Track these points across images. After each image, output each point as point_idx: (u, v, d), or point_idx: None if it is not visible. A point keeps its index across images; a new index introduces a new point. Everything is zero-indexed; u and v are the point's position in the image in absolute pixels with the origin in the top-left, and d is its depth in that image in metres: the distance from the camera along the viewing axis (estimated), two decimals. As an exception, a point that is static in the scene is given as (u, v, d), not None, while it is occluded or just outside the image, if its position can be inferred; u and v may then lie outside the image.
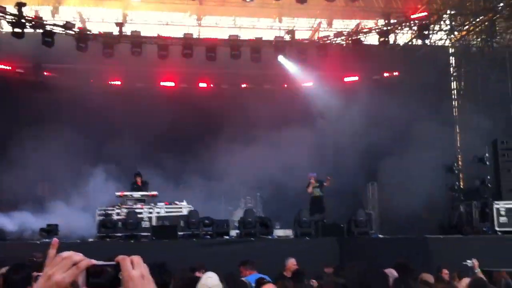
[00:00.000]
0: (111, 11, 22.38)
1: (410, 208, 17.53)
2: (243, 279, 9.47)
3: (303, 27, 23.36)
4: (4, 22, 19.92)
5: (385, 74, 22.43)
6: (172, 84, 22.23)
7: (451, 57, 23.94)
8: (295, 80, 22.29)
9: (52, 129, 17.77)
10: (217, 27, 22.76)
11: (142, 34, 20.37)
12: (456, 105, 23.32)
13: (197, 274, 8.21)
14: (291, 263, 10.78)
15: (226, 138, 19.09)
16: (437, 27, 21.73)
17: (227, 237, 15.18)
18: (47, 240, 14.31)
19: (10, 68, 20.73)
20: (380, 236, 16.24)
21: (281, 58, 21.17)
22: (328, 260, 12.60)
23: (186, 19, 22.92)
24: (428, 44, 21.96)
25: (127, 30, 20.52)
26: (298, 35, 21.72)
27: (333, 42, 21.22)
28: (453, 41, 23.32)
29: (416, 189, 17.23)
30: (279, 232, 16.22)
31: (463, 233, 15.33)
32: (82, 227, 15.62)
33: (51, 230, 14.52)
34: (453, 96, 23.44)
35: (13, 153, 17.34)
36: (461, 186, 19.28)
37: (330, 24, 23.26)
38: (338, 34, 21.32)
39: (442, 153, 19.08)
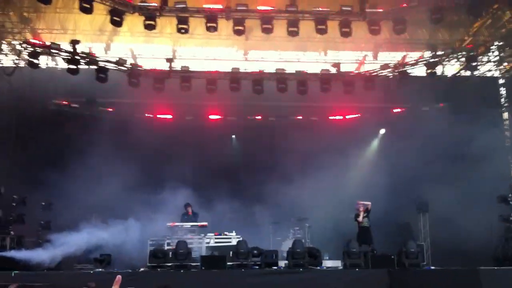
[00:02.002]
0: (161, 47, 23.03)
1: (463, 239, 17.16)
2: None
3: (349, 60, 23.48)
4: (59, 59, 20.72)
5: (434, 105, 22.24)
6: (219, 117, 22.60)
7: (501, 88, 23.61)
8: (341, 112, 22.34)
9: (105, 161, 18.35)
10: (263, 61, 23.11)
11: (191, 69, 20.89)
12: (508, 135, 22.90)
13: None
14: None
15: (274, 169, 19.22)
16: (485, 58, 21.55)
17: (275, 267, 15.17)
18: (100, 269, 14.63)
19: (66, 103, 21.48)
20: (432, 267, 15.94)
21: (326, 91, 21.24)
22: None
23: (233, 54, 23.39)
24: (477, 75, 21.74)
25: (177, 65, 21.08)
26: (344, 68, 21.82)
27: (380, 75, 21.23)
28: (502, 72, 23.04)
29: (468, 220, 16.89)
30: (328, 263, 16.12)
31: (518, 265, 14.93)
32: (134, 257, 15.88)
33: (104, 260, 14.84)
34: (505, 127, 23.05)
35: (67, 184, 17.82)
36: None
37: (375, 57, 23.32)
38: (385, 66, 21.32)
39: (495, 183, 18.68)
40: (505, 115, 23.35)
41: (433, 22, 18.86)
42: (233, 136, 20.62)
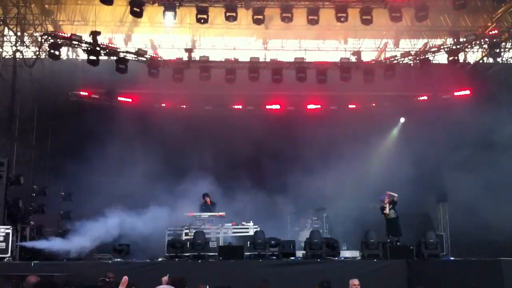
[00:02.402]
0: (181, 37, 23.07)
1: (483, 230, 16.92)
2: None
3: (369, 48, 23.23)
4: (80, 50, 20.89)
5: (456, 93, 21.89)
6: (239, 106, 22.58)
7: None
8: (361, 101, 22.14)
9: (125, 152, 18.51)
10: (282, 50, 23.00)
11: (210, 59, 20.88)
12: (533, 124, 22.44)
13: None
14: (352, 283, 10.71)
15: (293, 159, 19.16)
16: (509, 45, 21.12)
17: (293, 258, 15.12)
18: (118, 259, 14.76)
19: (86, 93, 21.67)
20: (451, 258, 15.74)
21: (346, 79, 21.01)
22: (396, 283, 12.39)
23: (252, 43, 23.32)
24: (500, 62, 21.31)
25: (196, 55, 21.10)
26: (364, 56, 21.58)
27: (400, 62, 20.95)
28: (526, 58, 22.58)
29: (489, 210, 16.62)
30: (346, 254, 16.03)
31: (540, 256, 14.64)
32: (152, 246, 16.00)
33: (122, 250, 14.97)
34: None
35: (87, 174, 17.99)
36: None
37: (396, 44, 23.06)
38: (406, 54, 21.04)
39: (516, 174, 18.39)
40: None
41: (456, 9, 18.53)
42: (253, 125, 20.45)
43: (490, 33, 20.13)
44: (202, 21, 18.82)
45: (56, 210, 17.71)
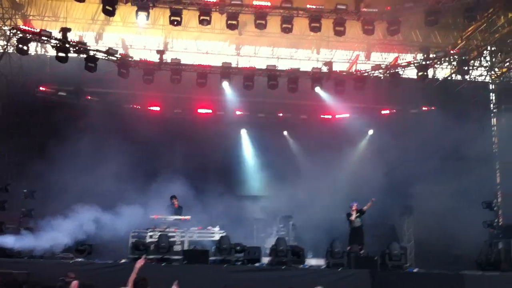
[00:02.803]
0: (153, 39, 22.88)
1: (447, 243, 17.17)
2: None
3: (341, 59, 23.43)
4: (49, 46, 20.50)
5: (423, 108, 22.22)
6: (208, 111, 22.47)
7: (491, 93, 23.63)
8: (331, 111, 22.31)
9: (91, 151, 18.22)
10: (255, 57, 23.02)
11: (182, 62, 20.74)
12: (496, 141, 22.92)
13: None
14: None
15: (261, 165, 19.12)
16: (477, 63, 21.56)
17: (258, 264, 15.06)
18: (80, 259, 14.47)
19: (53, 90, 21.27)
20: (415, 270, 15.88)
21: (317, 89, 21.12)
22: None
23: (225, 48, 23.27)
24: (468, 79, 21.72)
25: (168, 57, 20.93)
26: (336, 67, 21.74)
27: (371, 75, 21.17)
28: (493, 77, 23.06)
29: (453, 224, 16.87)
30: (311, 262, 16.02)
31: (502, 270, 14.90)
32: (115, 248, 15.74)
33: (84, 250, 14.70)
34: (493, 132, 23.07)
35: (52, 172, 17.62)
36: (500, 223, 18.80)
37: (368, 57, 23.31)
38: (376, 67, 21.25)
39: (480, 188, 18.70)
40: (494, 120, 23.37)
41: (427, 25, 18.81)
42: (221, 130, 20.40)
43: (459, 50, 20.55)
44: (176, 23, 18.66)
45: (18, 208, 17.27)
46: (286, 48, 23.41)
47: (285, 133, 22.60)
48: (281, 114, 22.67)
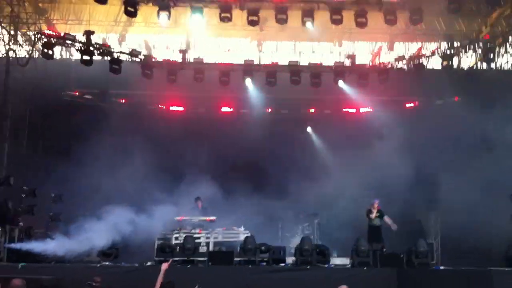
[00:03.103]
0: (175, 38, 22.97)
1: (474, 239, 16.90)
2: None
3: (364, 51, 23.16)
4: (73, 50, 20.75)
5: (448, 99, 21.86)
6: (231, 109, 22.52)
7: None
8: (354, 105, 22.12)
9: (118, 154, 18.44)
10: (277, 52, 22.93)
11: (205, 60, 20.79)
12: (524, 130, 22.39)
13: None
14: None
15: (284, 163, 19.10)
16: (502, 50, 21.07)
17: (283, 264, 15.10)
18: (106, 263, 14.71)
19: (79, 94, 21.56)
20: (442, 267, 15.72)
21: (341, 83, 20.95)
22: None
23: (247, 45, 23.22)
24: (494, 67, 21.25)
25: (190, 57, 21.00)
26: (359, 60, 21.51)
27: (394, 67, 20.87)
28: (520, 63, 22.51)
29: (480, 219, 16.59)
30: (336, 261, 16.00)
31: (530, 266, 14.64)
32: (141, 251, 15.96)
33: (111, 253, 14.93)
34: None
35: (80, 175, 17.92)
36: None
37: (391, 48, 22.99)
38: (400, 58, 20.93)
39: (508, 180, 18.30)
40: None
41: (450, 12, 18.49)
42: (245, 129, 20.38)
43: (484, 38, 20.12)
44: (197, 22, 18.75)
45: (46, 212, 17.59)
46: (308, 41, 23.21)
47: (309, 129, 22.52)
48: (303, 110, 22.57)
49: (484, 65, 21.12)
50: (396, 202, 17.68)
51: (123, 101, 22.05)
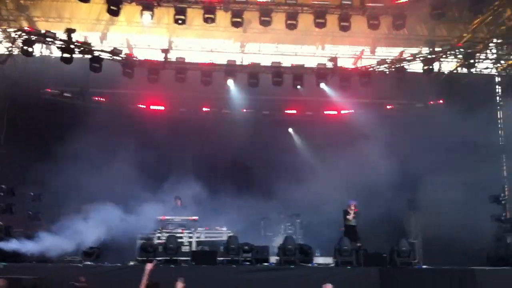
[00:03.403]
0: (157, 38, 22.80)
1: (455, 238, 17.09)
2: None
3: (346, 55, 23.29)
4: (54, 47, 20.49)
5: (429, 102, 22.12)
6: (213, 109, 22.44)
7: (497, 86, 23.48)
8: (336, 107, 22.25)
9: (97, 152, 18.20)
10: (260, 54, 22.93)
11: (186, 60, 20.69)
12: (502, 134, 22.79)
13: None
14: None
15: (265, 163, 19.10)
16: (483, 56, 21.41)
17: (266, 263, 15.07)
18: (88, 263, 14.50)
19: (59, 92, 21.26)
20: (424, 267, 15.85)
21: (323, 85, 21.03)
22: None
23: (230, 46, 23.18)
24: (474, 72, 21.58)
25: (172, 56, 20.88)
26: (341, 63, 21.65)
27: (376, 70, 21.07)
28: (499, 70, 22.91)
29: (461, 219, 16.80)
30: (319, 260, 16.02)
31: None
32: (123, 250, 15.77)
33: (93, 253, 14.72)
34: (499, 125, 22.94)
35: (58, 173, 17.64)
36: (507, 217, 18.71)
37: (373, 52, 23.13)
38: (381, 61, 21.14)
39: (488, 182, 18.59)
40: (500, 113, 23.23)
41: (433, 18, 18.65)
42: (225, 129, 20.33)
43: (465, 43, 20.41)
44: (180, 21, 18.61)
45: (25, 211, 17.28)
46: (291, 44, 23.27)
47: (291, 130, 22.54)
48: (286, 111, 22.61)
49: (465, 70, 21.39)
50: (378, 202, 17.80)
51: (103, 99, 21.74)
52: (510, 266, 14.90)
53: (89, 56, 19.53)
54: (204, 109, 22.37)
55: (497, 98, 23.41)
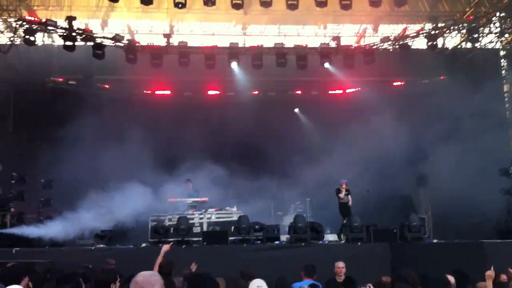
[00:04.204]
0: (158, 23, 22.74)
1: (464, 212, 17.12)
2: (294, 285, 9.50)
3: (349, 33, 23.20)
4: (56, 36, 20.46)
5: (434, 78, 22.07)
6: (217, 92, 22.43)
7: (502, 60, 23.40)
8: (341, 86, 22.21)
9: (104, 138, 18.21)
10: (262, 36, 22.85)
11: (189, 44, 20.65)
12: (509, 108, 22.74)
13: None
14: (337, 266, 10.73)
15: (274, 144, 19.11)
16: (486, 30, 21.32)
17: (277, 242, 15.12)
18: (101, 245, 14.56)
19: (62, 80, 21.26)
20: (434, 241, 15.89)
21: (327, 65, 20.97)
22: (380, 266, 12.48)
23: (231, 28, 23.10)
24: (478, 47, 21.50)
25: (174, 41, 20.83)
26: (344, 42, 21.58)
27: (380, 48, 21.00)
28: (503, 43, 22.81)
29: (470, 193, 16.78)
30: (329, 237, 16.07)
31: (520, 237, 14.89)
32: (135, 233, 15.83)
33: (105, 236, 14.78)
34: (505, 99, 22.89)
35: (67, 160, 17.67)
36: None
37: (376, 30, 23.04)
38: (385, 39, 21.10)
39: (495, 156, 18.57)
40: (506, 87, 23.16)
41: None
42: (232, 111, 20.28)
43: (468, 18, 20.33)
44: (180, 5, 18.57)
45: (36, 197, 17.35)
46: (293, 25, 23.17)
47: (297, 110, 22.56)
48: (291, 92, 22.58)
49: (469, 45, 21.31)
50: (386, 178, 17.81)
51: (108, 86, 21.73)
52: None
53: (91, 43, 19.51)
54: (210, 92, 22.36)
55: (502, 71, 23.31)
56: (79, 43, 19.38)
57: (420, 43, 21.00)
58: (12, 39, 20.22)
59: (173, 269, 9.43)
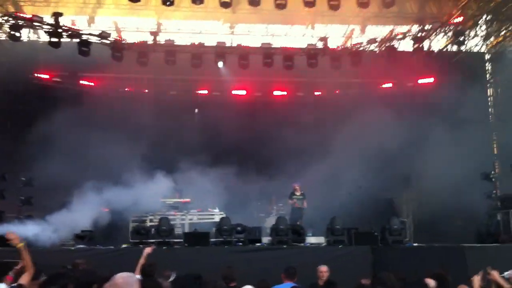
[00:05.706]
0: (146, 20, 22.63)
1: (446, 216, 17.21)
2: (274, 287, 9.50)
3: (336, 34, 23.19)
4: (41, 32, 20.31)
5: (420, 81, 22.12)
6: (205, 91, 22.37)
7: (487, 64, 23.49)
8: (327, 87, 22.21)
9: (88, 136, 18.13)
10: (249, 35, 22.80)
11: (176, 43, 20.56)
12: (492, 112, 22.85)
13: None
14: (320, 270, 10.74)
15: (259, 145, 19.08)
16: (472, 33, 21.37)
17: (259, 244, 15.13)
18: (81, 246, 14.50)
19: (47, 76, 21.12)
20: (415, 244, 15.98)
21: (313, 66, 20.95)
22: (361, 269, 12.52)
23: (219, 27, 23.03)
24: (464, 50, 21.56)
25: (161, 39, 20.74)
26: (331, 42, 21.57)
27: (366, 49, 21.01)
28: (489, 47, 22.89)
29: (451, 197, 16.88)
30: (311, 240, 16.11)
31: (501, 242, 14.95)
32: (115, 233, 15.79)
33: (85, 236, 14.73)
34: (489, 103, 22.99)
35: (49, 157, 17.56)
36: (498, 194, 18.83)
37: (363, 31, 23.04)
38: (371, 40, 21.08)
39: (478, 160, 18.67)
40: (490, 90, 23.27)
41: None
42: (219, 110, 20.23)
43: (455, 20, 20.36)
44: (168, 3, 18.49)
45: (17, 196, 17.24)
46: (281, 24, 23.13)
47: (281, 111, 22.50)
48: (277, 93, 22.57)
49: (455, 48, 21.36)
50: (369, 181, 17.81)
51: (93, 83, 21.61)
52: (499, 243, 14.99)
53: (77, 40, 19.38)
54: (199, 91, 22.29)
55: (487, 75, 23.41)
56: (65, 39, 19.24)
57: (407, 45, 21.01)
58: (-3, 34, 20.08)
59: (156, 270, 9.44)
